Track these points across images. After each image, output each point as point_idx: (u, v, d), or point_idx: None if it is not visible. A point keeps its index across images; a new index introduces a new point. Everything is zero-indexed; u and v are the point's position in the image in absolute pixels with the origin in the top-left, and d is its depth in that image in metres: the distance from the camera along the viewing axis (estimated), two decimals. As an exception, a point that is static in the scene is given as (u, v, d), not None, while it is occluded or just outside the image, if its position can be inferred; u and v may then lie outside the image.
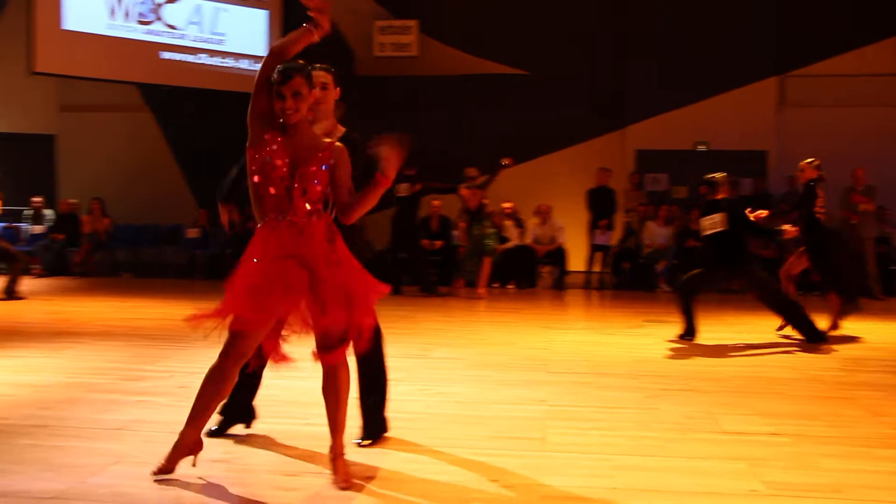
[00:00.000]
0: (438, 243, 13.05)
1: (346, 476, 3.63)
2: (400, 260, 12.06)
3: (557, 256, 13.39)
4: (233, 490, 3.60)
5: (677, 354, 7.22)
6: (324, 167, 3.61)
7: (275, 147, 3.59)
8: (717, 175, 8.12)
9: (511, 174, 14.56)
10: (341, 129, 4.32)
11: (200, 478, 3.69)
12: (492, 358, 6.88)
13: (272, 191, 3.58)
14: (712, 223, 7.98)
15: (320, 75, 4.17)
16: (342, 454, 3.70)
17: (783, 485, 3.75)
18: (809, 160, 8.49)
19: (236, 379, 3.67)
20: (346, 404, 3.74)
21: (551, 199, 13.86)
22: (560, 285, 13.23)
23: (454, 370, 6.31)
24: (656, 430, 4.64)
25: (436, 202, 13.22)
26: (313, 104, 3.77)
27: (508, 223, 13.56)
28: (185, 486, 3.61)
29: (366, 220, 4.19)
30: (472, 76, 14.98)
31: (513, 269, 13.29)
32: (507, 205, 13.67)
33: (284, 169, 3.56)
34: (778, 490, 3.68)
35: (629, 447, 4.32)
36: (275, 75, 3.61)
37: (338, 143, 3.74)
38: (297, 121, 3.63)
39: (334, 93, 4.34)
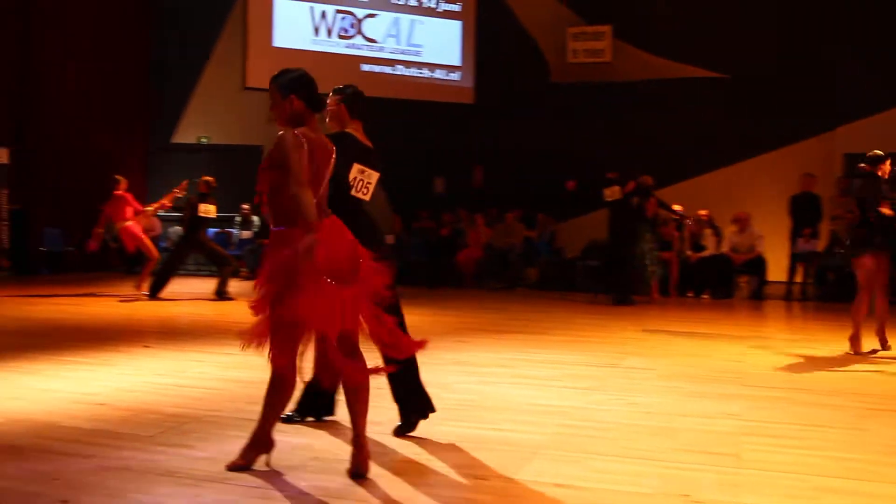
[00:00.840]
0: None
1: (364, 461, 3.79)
2: (610, 265, 11.91)
3: (756, 266, 12.85)
4: (420, 490, 3.68)
5: (887, 372, 6.76)
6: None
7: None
8: None
9: (708, 181, 14.18)
10: None
11: (393, 475, 3.80)
12: (684, 369, 6.70)
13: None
14: None
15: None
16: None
17: None
18: None
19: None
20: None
21: (750, 207, 13.33)
22: (758, 296, 12.70)
23: (646, 380, 6.19)
24: (863, 453, 4.36)
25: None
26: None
27: (707, 231, 13.15)
28: (375, 485, 3.72)
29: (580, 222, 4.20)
30: (667, 80, 14.65)
31: (708, 279, 12.88)
32: (703, 212, 13.27)
33: None
34: None
35: (832, 468, 4.08)
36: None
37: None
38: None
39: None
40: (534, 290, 13.61)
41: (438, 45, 15.46)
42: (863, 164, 7.62)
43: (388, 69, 15.09)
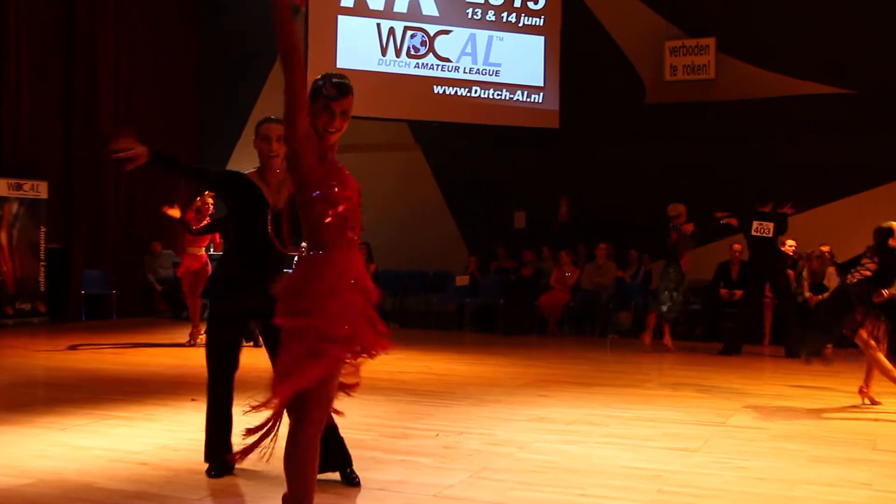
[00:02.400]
0: (739, 293, 12.62)
1: None
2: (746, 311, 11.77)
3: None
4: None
5: None
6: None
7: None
8: None
9: (830, 212, 13.86)
10: None
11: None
12: (803, 428, 6.54)
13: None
14: None
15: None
16: None
17: None
18: None
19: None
20: None
21: (880, 241, 12.96)
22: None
23: (756, 441, 6.05)
24: None
25: (737, 245, 12.83)
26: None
27: (830, 269, 12.82)
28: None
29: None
30: (780, 99, 14.42)
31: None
32: (825, 248, 12.96)
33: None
34: None
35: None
36: (328, 88, 3.65)
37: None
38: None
39: None
40: (626, 338, 13.46)
41: (519, 63, 15.52)
42: None
43: (463, 91, 15.20)
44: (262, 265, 4.76)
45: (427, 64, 15.15)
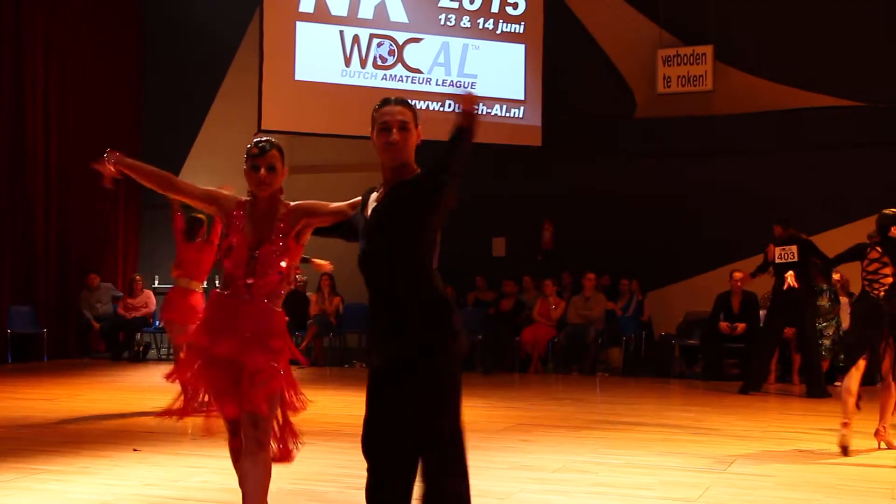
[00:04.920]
0: (741, 327, 12.71)
1: None
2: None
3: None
4: None
5: None
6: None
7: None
8: None
9: (844, 235, 13.95)
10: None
11: None
12: (812, 475, 6.57)
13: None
14: None
15: (397, 111, 4.21)
16: None
17: None
18: None
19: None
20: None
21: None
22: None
23: (761, 489, 6.08)
24: None
25: (737, 273, 12.90)
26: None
27: (844, 300, 12.93)
28: None
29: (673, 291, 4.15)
30: (785, 112, 14.55)
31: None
32: (835, 276, 13.03)
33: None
34: None
35: None
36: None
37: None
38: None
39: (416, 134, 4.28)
40: (617, 376, 13.48)
41: (497, 74, 15.59)
42: None
43: (435, 105, 15.24)
44: None
45: (395, 75, 15.21)
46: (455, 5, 15.36)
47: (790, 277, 10.09)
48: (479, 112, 3.78)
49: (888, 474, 6.71)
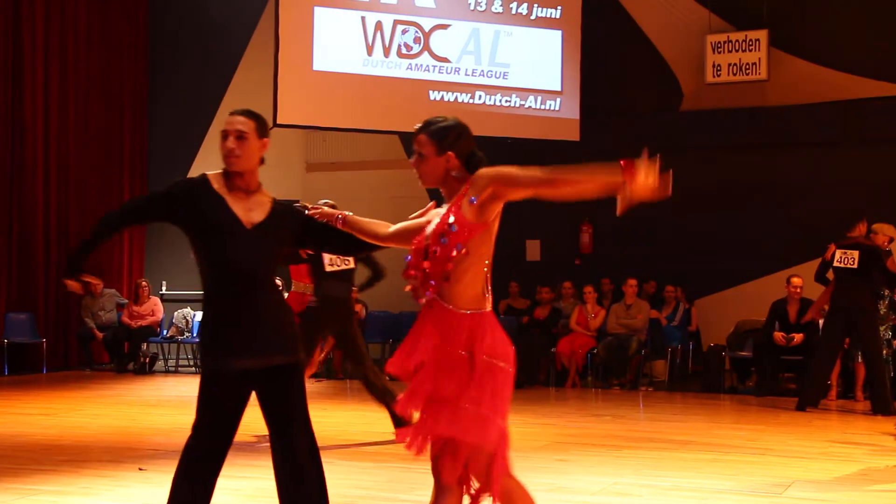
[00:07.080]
0: (798, 337, 12.62)
1: None
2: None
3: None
4: None
5: None
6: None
7: None
8: None
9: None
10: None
11: None
12: (876, 500, 6.54)
13: None
14: None
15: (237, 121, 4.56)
16: None
17: None
18: None
19: None
20: None
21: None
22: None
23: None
24: None
25: (796, 279, 12.78)
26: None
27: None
28: None
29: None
30: (846, 102, 14.49)
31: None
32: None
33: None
34: None
35: None
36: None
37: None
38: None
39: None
40: (662, 391, 13.43)
41: (532, 63, 15.56)
42: None
43: (464, 97, 15.24)
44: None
45: (421, 65, 15.21)
46: (486, -11, 15.36)
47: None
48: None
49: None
